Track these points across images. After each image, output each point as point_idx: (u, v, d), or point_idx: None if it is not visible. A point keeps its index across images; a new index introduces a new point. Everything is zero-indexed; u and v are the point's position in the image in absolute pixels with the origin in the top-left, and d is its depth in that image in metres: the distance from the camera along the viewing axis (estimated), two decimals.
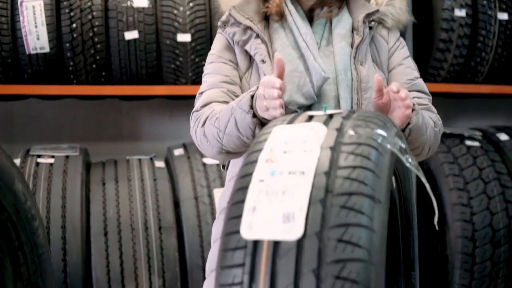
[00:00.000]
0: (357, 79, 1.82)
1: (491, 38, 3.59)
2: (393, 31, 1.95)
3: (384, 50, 1.92)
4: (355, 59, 1.84)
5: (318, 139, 1.08)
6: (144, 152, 3.85)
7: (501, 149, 3.61)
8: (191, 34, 3.25)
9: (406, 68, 1.92)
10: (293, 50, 1.85)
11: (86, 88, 3.32)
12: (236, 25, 1.87)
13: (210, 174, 3.27)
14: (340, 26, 1.88)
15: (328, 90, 1.82)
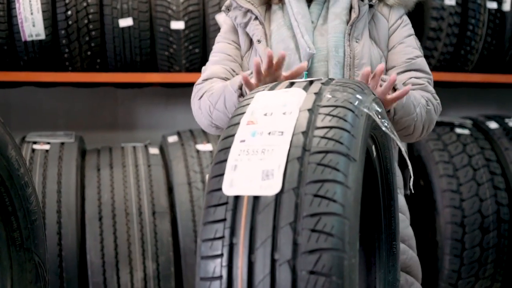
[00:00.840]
0: (350, 55, 1.87)
1: (481, 26, 3.63)
2: (395, 8, 1.99)
3: (383, 28, 1.96)
4: (350, 36, 1.89)
5: (297, 102, 1.13)
6: (139, 140, 3.90)
7: (491, 137, 3.66)
8: (184, 21, 3.30)
9: (406, 47, 1.96)
10: (287, 30, 1.93)
11: (81, 75, 3.37)
12: (238, 9, 1.98)
13: (203, 160, 3.32)
14: (337, 5, 1.94)
15: (318, 67, 1.88)
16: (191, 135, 3.48)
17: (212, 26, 3.33)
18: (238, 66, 2.00)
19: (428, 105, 1.88)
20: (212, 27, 3.33)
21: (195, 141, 3.42)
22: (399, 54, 1.95)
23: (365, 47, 1.91)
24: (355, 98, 1.14)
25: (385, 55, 1.96)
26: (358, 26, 1.91)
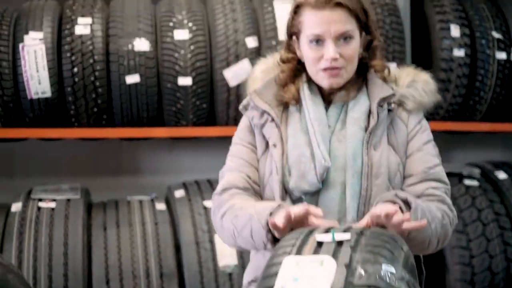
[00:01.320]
0: (368, 164, 1.82)
1: (490, 77, 3.61)
2: (413, 113, 1.92)
3: (402, 134, 1.90)
4: (368, 144, 1.84)
5: (328, 278, 1.09)
6: (144, 187, 3.87)
7: (500, 188, 3.63)
8: (192, 77, 3.26)
9: (425, 155, 1.89)
10: (303, 135, 1.88)
11: (87, 131, 3.33)
12: (255, 109, 1.93)
13: (210, 219, 3.28)
14: (355, 109, 1.89)
15: (335, 176, 1.82)
16: (198, 190, 3.44)
17: (219, 82, 3.29)
18: (254, 171, 1.92)
19: (444, 219, 1.81)
20: (219, 82, 3.29)
21: (203, 197, 3.38)
22: (417, 162, 1.88)
23: (383, 155, 1.85)
24: (386, 272, 1.10)
25: (403, 162, 1.89)
26: (376, 133, 1.85)
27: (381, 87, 1.90)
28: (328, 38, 1.84)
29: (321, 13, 1.85)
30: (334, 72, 1.85)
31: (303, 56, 1.94)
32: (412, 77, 1.93)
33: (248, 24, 3.32)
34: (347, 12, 1.85)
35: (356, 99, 1.91)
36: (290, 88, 1.94)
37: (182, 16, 3.33)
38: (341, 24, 1.84)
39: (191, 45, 3.28)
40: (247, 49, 3.29)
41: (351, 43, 1.85)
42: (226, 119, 3.40)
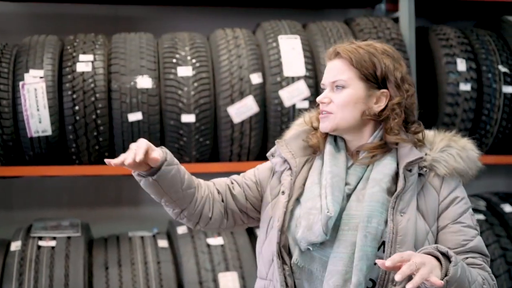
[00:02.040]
0: (392, 230, 1.76)
1: (496, 111, 3.57)
2: (447, 180, 1.86)
3: (433, 201, 1.84)
4: (394, 209, 1.78)
5: None
6: (144, 220, 3.81)
7: (506, 222, 3.59)
8: (195, 114, 3.21)
9: (462, 227, 1.81)
10: (318, 188, 1.87)
11: (88, 169, 3.27)
12: (280, 156, 1.96)
13: (214, 257, 3.23)
14: (378, 171, 1.85)
15: (348, 235, 1.79)
16: None
17: (223, 118, 3.24)
18: (241, 192, 1.98)
19: (484, 284, 1.74)
20: (223, 119, 3.24)
21: (206, 234, 3.33)
22: (453, 234, 1.81)
23: (410, 221, 1.78)
24: None
25: (433, 230, 1.82)
26: (404, 198, 1.79)
27: (410, 150, 1.86)
28: (327, 86, 1.92)
29: (328, 64, 1.95)
30: (323, 115, 1.90)
31: None
32: (446, 142, 1.88)
33: (252, 60, 3.27)
34: (345, 62, 1.89)
35: (380, 160, 1.87)
36: (316, 133, 1.96)
37: (186, 52, 3.27)
38: (334, 72, 1.90)
39: (194, 82, 3.22)
40: (251, 85, 3.24)
41: (342, 92, 1.88)
42: (229, 155, 3.34)
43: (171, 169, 1.85)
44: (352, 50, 1.89)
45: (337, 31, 3.43)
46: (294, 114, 3.25)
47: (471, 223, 1.84)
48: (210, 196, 1.96)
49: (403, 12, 3.55)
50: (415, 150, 1.86)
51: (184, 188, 1.89)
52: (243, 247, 3.28)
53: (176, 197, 1.89)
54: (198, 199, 1.94)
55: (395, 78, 1.90)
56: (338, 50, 1.90)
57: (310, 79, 3.28)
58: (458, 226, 1.82)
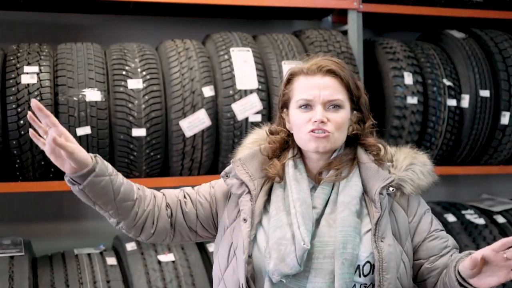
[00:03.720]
0: (378, 259, 1.74)
1: (441, 124, 3.64)
2: (412, 197, 1.89)
3: (403, 221, 1.86)
4: (375, 236, 1.77)
5: None
6: (86, 234, 3.69)
7: (450, 231, 3.67)
8: (146, 128, 3.11)
9: (438, 232, 1.89)
10: (285, 216, 1.81)
11: (33, 185, 3.12)
12: (235, 178, 1.89)
13: (166, 274, 3.15)
14: (346, 193, 1.82)
15: (324, 264, 1.75)
16: None
17: (175, 132, 3.16)
18: (192, 208, 1.93)
19: None
20: (175, 133, 3.16)
21: (156, 250, 3.24)
22: (434, 242, 1.87)
23: (391, 246, 1.78)
24: None
25: (405, 249, 1.84)
26: (381, 223, 1.79)
27: (377, 173, 1.84)
28: (317, 103, 1.82)
29: (312, 79, 1.85)
30: (321, 134, 1.81)
31: (292, 125, 1.90)
32: (410, 160, 1.89)
33: (204, 72, 3.21)
34: (338, 80, 1.85)
35: (347, 180, 1.85)
36: (275, 163, 1.90)
37: (135, 64, 3.18)
38: (331, 91, 1.84)
39: (145, 95, 3.13)
40: (203, 98, 3.18)
41: (339, 111, 1.83)
42: (180, 169, 3.27)
43: (101, 180, 1.78)
44: (342, 69, 1.87)
45: (288, 43, 3.41)
46: (247, 128, 3.22)
47: (439, 226, 1.92)
48: (155, 210, 1.90)
49: (351, 25, 3.57)
50: (381, 171, 1.85)
51: (118, 200, 1.83)
52: (195, 263, 3.21)
53: (109, 208, 1.83)
54: (139, 213, 1.87)
55: (366, 100, 1.93)
56: (332, 68, 1.85)
57: (262, 92, 3.25)
58: (435, 233, 1.88)
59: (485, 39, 3.83)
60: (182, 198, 1.95)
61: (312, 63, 1.88)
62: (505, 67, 3.72)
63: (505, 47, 3.78)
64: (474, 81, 3.66)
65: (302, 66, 1.89)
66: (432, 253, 1.86)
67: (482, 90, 3.66)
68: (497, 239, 3.64)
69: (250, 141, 2.01)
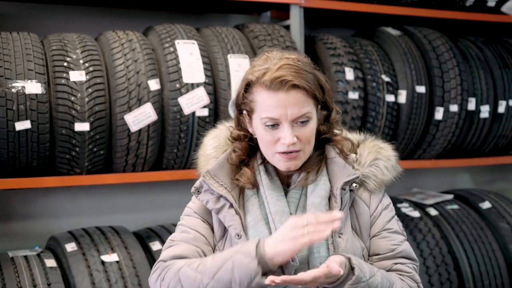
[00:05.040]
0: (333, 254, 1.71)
1: (380, 119, 3.70)
2: (375, 193, 1.84)
3: (365, 216, 1.83)
4: (333, 232, 1.71)
5: None
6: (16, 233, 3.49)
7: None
8: (89, 122, 2.97)
9: (390, 233, 1.83)
10: (264, 227, 1.75)
11: None
12: (209, 192, 1.79)
13: (111, 274, 3.02)
14: (315, 194, 1.78)
15: (298, 270, 1.67)
16: (91, 241, 3.14)
17: (119, 127, 3.04)
18: (210, 250, 1.80)
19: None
20: (120, 128, 3.04)
21: (98, 250, 3.10)
22: (383, 240, 1.82)
23: (349, 242, 1.75)
24: None
25: (367, 245, 1.82)
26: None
27: (343, 168, 1.81)
28: (284, 122, 1.73)
29: (276, 96, 1.73)
30: (292, 155, 1.75)
31: (257, 137, 1.81)
32: (374, 155, 1.86)
33: (149, 65, 3.10)
34: (303, 93, 1.74)
35: (316, 182, 1.80)
36: (245, 171, 1.82)
37: (77, 55, 3.02)
38: (298, 108, 1.73)
39: (88, 88, 2.98)
40: (149, 92, 3.07)
41: (308, 125, 1.75)
42: (124, 165, 3.15)
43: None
44: (303, 77, 1.74)
45: (233, 37, 3.36)
46: (194, 122, 3.14)
47: (398, 228, 1.87)
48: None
49: (294, 20, 3.56)
50: (348, 166, 1.82)
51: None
52: (140, 263, 3.10)
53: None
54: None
55: (330, 94, 1.86)
56: (295, 82, 1.72)
57: (209, 86, 3.18)
58: (386, 233, 1.84)
59: (419, 36, 3.93)
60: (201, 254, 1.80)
61: (273, 75, 1.72)
62: (438, 64, 3.83)
63: (438, 44, 3.89)
64: (411, 77, 3.74)
65: (262, 78, 1.74)
66: (376, 251, 1.82)
67: (418, 86, 3.75)
68: (432, 231, 3.75)
69: (212, 148, 1.90)
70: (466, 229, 3.87)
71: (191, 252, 1.76)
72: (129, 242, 3.18)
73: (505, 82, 4.07)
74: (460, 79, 3.83)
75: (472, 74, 3.96)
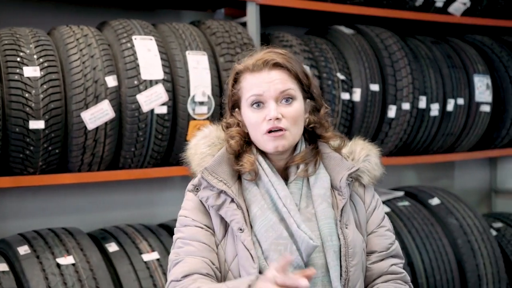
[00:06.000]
0: (344, 244, 1.74)
1: (336, 117, 3.72)
2: (368, 188, 1.90)
3: (362, 211, 1.86)
4: (341, 223, 1.77)
5: None
6: None
7: None
8: (45, 120, 2.86)
9: (386, 231, 1.88)
10: (272, 214, 1.75)
11: None
12: (209, 189, 1.77)
13: (67, 278, 2.91)
14: (319, 186, 1.80)
15: (316, 258, 1.72)
16: (45, 244, 3.03)
17: (76, 124, 2.93)
18: (216, 256, 1.77)
19: None
20: (76, 125, 2.93)
21: (53, 253, 2.98)
22: (381, 238, 1.86)
23: (355, 233, 1.80)
24: None
25: (365, 239, 1.85)
26: (346, 210, 1.80)
27: (341, 161, 1.85)
28: (269, 99, 1.77)
29: (259, 75, 1.80)
30: (278, 133, 1.76)
31: (247, 124, 1.83)
32: (367, 151, 1.91)
33: (106, 61, 3.01)
34: (286, 72, 1.80)
35: (316, 174, 1.83)
36: (247, 158, 1.81)
37: (31, 50, 2.90)
38: (281, 83, 1.78)
39: (43, 84, 2.87)
40: (107, 88, 2.98)
41: (293, 104, 1.78)
42: (79, 165, 3.04)
43: None
44: (288, 60, 1.82)
45: (190, 33, 3.30)
46: (152, 120, 3.07)
47: (390, 226, 1.93)
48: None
49: (250, 18, 3.54)
50: (345, 160, 1.86)
51: None
52: (97, 265, 3.00)
53: None
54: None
55: (317, 87, 1.92)
56: (278, 61, 1.80)
57: (168, 83, 3.11)
58: (382, 230, 1.89)
59: (372, 35, 3.97)
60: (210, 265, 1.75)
61: (256, 58, 1.82)
62: (391, 62, 3.88)
63: (390, 43, 3.94)
64: (365, 76, 3.77)
65: (247, 63, 1.84)
66: (373, 248, 1.86)
67: (372, 84, 3.79)
68: None
69: (205, 147, 1.88)
70: (417, 226, 3.94)
71: (199, 265, 1.72)
72: (84, 244, 3.08)
73: (453, 81, 4.16)
74: (411, 78, 3.89)
75: (423, 73, 4.03)
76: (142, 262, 3.11)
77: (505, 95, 4.42)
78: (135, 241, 3.20)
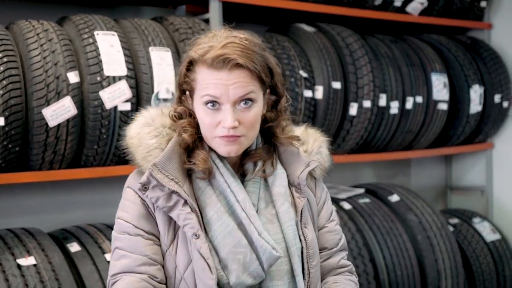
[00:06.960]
0: (305, 246, 1.67)
1: (298, 114, 3.72)
2: (319, 181, 1.81)
3: (314, 205, 1.79)
4: (301, 223, 1.68)
5: None
6: None
7: None
8: (4, 117, 2.77)
9: (336, 225, 1.83)
10: (229, 218, 1.62)
11: None
12: (159, 188, 1.60)
13: (29, 279, 2.83)
14: (278, 184, 1.70)
15: (280, 264, 1.63)
16: (5, 245, 2.94)
17: (37, 121, 2.85)
18: (160, 268, 1.63)
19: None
20: (37, 122, 2.85)
21: (13, 254, 2.90)
22: (331, 234, 1.81)
23: (312, 232, 1.72)
24: None
25: (316, 234, 1.78)
26: (304, 209, 1.71)
27: (298, 157, 1.74)
28: (225, 103, 1.60)
29: (218, 74, 1.60)
30: (232, 139, 1.62)
31: (198, 119, 1.68)
32: (319, 143, 1.82)
33: (68, 56, 2.93)
34: (248, 73, 1.61)
35: (275, 171, 1.72)
36: (199, 154, 1.66)
37: None
38: (241, 88, 1.60)
39: (3, 80, 2.78)
40: (69, 85, 2.91)
41: (252, 108, 1.62)
42: (40, 163, 2.96)
43: None
44: (249, 56, 1.61)
45: (153, 29, 3.25)
46: (116, 117, 3.01)
47: (338, 220, 1.87)
48: None
49: (213, 15, 3.51)
50: (301, 155, 1.75)
51: None
52: (59, 266, 2.93)
53: None
54: None
55: (280, 79, 1.76)
56: (240, 62, 1.59)
57: (131, 79, 3.06)
58: (332, 225, 1.82)
59: (333, 33, 3.99)
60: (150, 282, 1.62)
61: (216, 53, 1.59)
62: (352, 60, 3.91)
63: (351, 41, 3.97)
64: (327, 73, 3.79)
65: (205, 55, 1.62)
66: (325, 245, 1.80)
67: (334, 82, 3.81)
68: (348, 225, 3.82)
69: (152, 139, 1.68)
70: (378, 222, 3.98)
71: (137, 285, 1.58)
72: (46, 244, 3.00)
73: (412, 79, 4.22)
74: (372, 76, 3.93)
75: (383, 71, 4.08)
76: (106, 262, 3.05)
77: (460, 93, 4.51)
78: (97, 240, 3.14)
